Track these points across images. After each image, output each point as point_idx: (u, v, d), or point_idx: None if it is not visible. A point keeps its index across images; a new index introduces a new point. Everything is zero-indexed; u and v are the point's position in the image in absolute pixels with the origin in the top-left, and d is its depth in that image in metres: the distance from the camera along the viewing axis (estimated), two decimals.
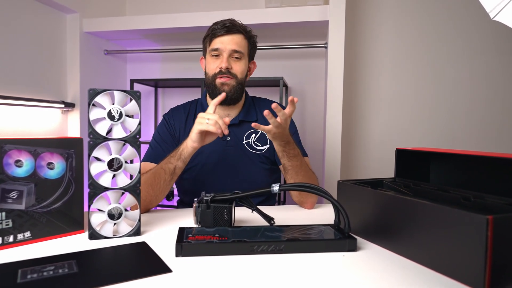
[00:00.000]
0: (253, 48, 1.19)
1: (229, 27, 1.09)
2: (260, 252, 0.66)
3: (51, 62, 1.84)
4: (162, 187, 0.99)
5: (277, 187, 0.77)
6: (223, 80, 1.10)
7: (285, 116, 0.88)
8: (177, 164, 0.98)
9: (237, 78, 1.12)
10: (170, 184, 1.01)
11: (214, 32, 1.10)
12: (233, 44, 1.10)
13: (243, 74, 1.14)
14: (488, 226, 0.49)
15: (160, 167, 0.99)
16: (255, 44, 1.19)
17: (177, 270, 0.59)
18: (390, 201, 0.68)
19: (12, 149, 0.68)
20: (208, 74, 1.14)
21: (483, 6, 0.86)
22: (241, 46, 1.11)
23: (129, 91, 0.75)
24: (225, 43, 1.09)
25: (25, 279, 0.54)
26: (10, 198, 0.68)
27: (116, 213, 0.74)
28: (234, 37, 1.10)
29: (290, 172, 1.03)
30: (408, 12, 2.03)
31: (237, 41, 1.10)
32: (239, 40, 1.11)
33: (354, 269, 0.60)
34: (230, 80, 1.10)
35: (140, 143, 0.77)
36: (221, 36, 1.10)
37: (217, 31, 1.10)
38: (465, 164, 0.78)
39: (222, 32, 1.09)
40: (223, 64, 1.09)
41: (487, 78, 1.96)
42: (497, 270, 0.50)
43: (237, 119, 1.18)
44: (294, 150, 1.00)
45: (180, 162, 0.98)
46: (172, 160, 0.98)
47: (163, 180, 0.98)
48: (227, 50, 1.09)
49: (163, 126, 1.20)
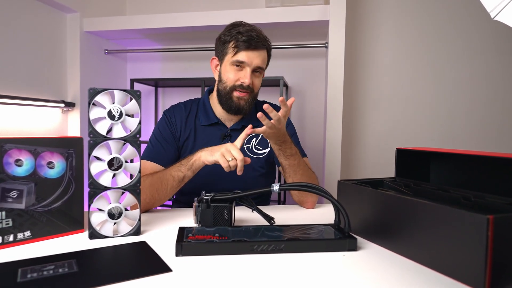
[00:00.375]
0: (269, 60, 1.17)
1: (257, 42, 1.06)
2: (260, 251, 0.66)
3: (51, 61, 1.84)
4: (169, 192, 1.00)
5: (277, 187, 0.77)
6: (241, 95, 1.09)
7: (277, 117, 0.88)
8: (187, 173, 0.98)
9: (252, 93, 1.11)
10: (176, 191, 1.01)
11: (240, 44, 1.05)
12: (259, 61, 1.07)
13: (258, 89, 1.14)
14: (489, 226, 0.49)
15: (170, 173, 0.99)
16: (270, 55, 1.17)
17: (177, 269, 0.59)
18: (391, 201, 0.68)
19: (12, 148, 0.68)
20: (226, 83, 1.10)
21: (484, 6, 0.86)
22: (264, 62, 1.10)
23: (129, 91, 0.75)
24: (251, 58, 1.06)
25: (25, 278, 0.54)
26: (10, 197, 0.68)
27: (116, 213, 0.74)
28: (260, 53, 1.08)
29: (288, 171, 1.03)
30: (408, 12, 2.02)
31: (262, 58, 1.08)
32: (264, 56, 1.09)
33: (354, 269, 0.60)
34: (247, 96, 1.10)
35: (140, 143, 0.77)
36: (248, 51, 1.06)
37: (244, 44, 1.05)
38: (466, 164, 0.78)
39: (251, 48, 1.05)
40: (247, 80, 1.07)
41: (487, 78, 1.96)
42: (497, 270, 0.50)
43: (240, 124, 1.17)
44: (291, 149, 1.00)
45: (190, 172, 0.98)
46: (183, 169, 0.98)
47: (170, 186, 0.99)
48: (252, 65, 1.07)
49: (164, 123, 1.18)
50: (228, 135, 1.16)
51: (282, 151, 0.99)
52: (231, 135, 1.16)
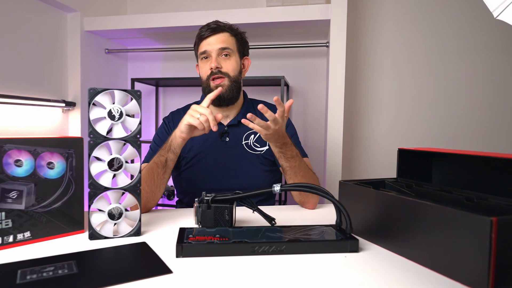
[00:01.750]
0: (242, 44, 1.17)
1: (213, 28, 1.10)
2: (261, 253, 0.65)
3: (51, 61, 1.83)
4: (157, 182, 0.99)
5: (279, 187, 0.77)
6: (217, 82, 1.10)
7: (273, 117, 0.86)
8: (168, 155, 0.98)
9: (229, 77, 1.11)
10: (165, 178, 1.00)
11: (201, 36, 1.11)
12: (219, 42, 1.10)
13: (236, 72, 1.13)
14: (492, 227, 0.48)
15: (153, 161, 1.00)
16: (244, 40, 1.18)
17: (178, 271, 0.58)
18: (392, 202, 0.67)
19: (12, 149, 0.68)
20: (202, 78, 1.14)
21: (487, 5, 0.85)
22: (227, 43, 1.11)
23: (129, 90, 0.75)
24: (211, 43, 1.10)
25: (25, 280, 0.54)
26: (10, 198, 0.67)
27: (117, 213, 0.74)
28: (219, 36, 1.11)
29: (289, 173, 1.02)
30: (410, 11, 2.02)
31: (223, 39, 1.11)
32: (225, 38, 1.11)
33: (356, 270, 0.59)
34: (223, 80, 1.10)
35: (140, 143, 0.76)
36: (207, 38, 1.10)
37: (203, 34, 1.11)
38: (468, 165, 0.78)
39: (208, 34, 1.10)
40: (213, 64, 1.08)
41: (489, 77, 1.95)
42: (501, 272, 0.49)
43: (236, 119, 1.17)
44: (292, 151, 0.99)
45: (171, 153, 0.98)
46: (163, 152, 0.99)
47: (156, 174, 0.99)
48: (214, 50, 1.10)
49: (163, 129, 1.21)
50: (225, 132, 1.17)
51: (282, 153, 0.99)
52: (228, 132, 1.17)
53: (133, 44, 2.34)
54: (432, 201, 0.60)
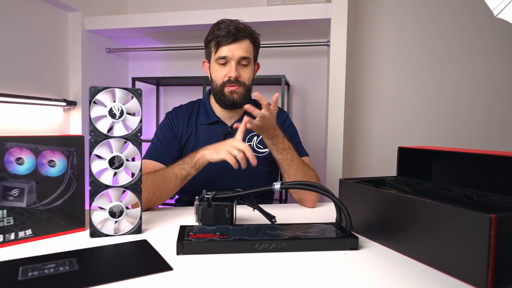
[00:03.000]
0: (257, 49, 1.18)
1: (235, 35, 1.06)
2: (261, 250, 0.66)
3: (53, 60, 1.84)
4: (171, 190, 1.00)
5: (279, 185, 0.77)
6: (232, 89, 1.10)
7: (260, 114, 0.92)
8: (190, 171, 0.98)
9: (245, 86, 1.12)
10: (178, 189, 1.02)
11: (220, 40, 1.07)
12: (241, 51, 1.08)
13: (250, 80, 1.14)
14: (491, 225, 0.48)
15: (172, 171, 0.98)
16: (259, 44, 1.18)
17: (178, 268, 0.59)
18: (392, 200, 0.68)
19: (13, 147, 0.68)
20: (216, 82, 1.12)
21: (487, 3, 0.86)
22: (248, 51, 1.10)
23: (130, 89, 0.75)
24: (232, 50, 1.07)
25: (26, 277, 0.54)
26: (11, 195, 0.68)
27: (117, 211, 0.74)
28: (241, 44, 1.08)
29: (282, 165, 1.04)
30: (410, 10, 2.02)
31: (244, 48, 1.08)
32: (246, 46, 1.09)
33: (355, 268, 0.60)
34: (239, 88, 1.10)
35: (141, 141, 0.77)
36: (228, 45, 1.07)
37: (223, 39, 1.06)
38: (468, 163, 0.78)
39: (229, 41, 1.06)
40: (232, 73, 1.07)
41: (490, 75, 1.95)
42: (500, 269, 0.49)
43: (240, 121, 1.17)
44: (283, 143, 1.02)
45: (194, 170, 0.99)
46: (186, 167, 0.98)
47: (173, 184, 0.99)
48: (235, 58, 1.07)
49: (166, 124, 1.19)
50: (229, 133, 1.16)
51: (274, 145, 1.02)
52: (232, 133, 1.16)
53: (134, 44, 2.35)
54: (432, 199, 0.60)
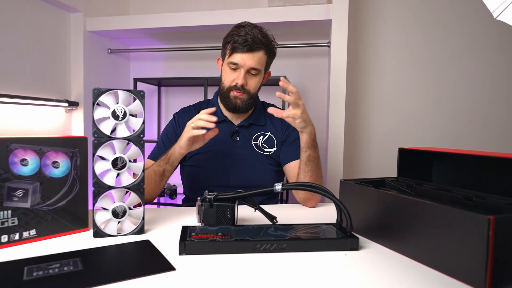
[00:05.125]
0: (271, 59, 1.18)
1: (250, 45, 1.07)
2: (263, 250, 0.66)
3: (55, 61, 1.85)
4: (153, 187, 1.05)
5: (280, 186, 0.78)
6: (237, 95, 1.12)
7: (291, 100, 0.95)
8: (166, 167, 1.04)
9: (249, 94, 1.14)
10: (162, 185, 1.07)
11: (235, 46, 1.08)
12: (252, 62, 1.09)
13: (256, 89, 1.16)
14: (490, 226, 0.49)
15: (152, 169, 1.05)
16: (274, 54, 1.18)
17: (181, 268, 0.59)
18: (392, 201, 0.68)
19: (17, 148, 0.69)
20: (224, 84, 1.15)
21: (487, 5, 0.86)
22: (259, 63, 1.11)
23: (133, 91, 0.76)
24: (244, 59, 1.09)
25: (31, 277, 0.55)
26: (16, 196, 0.69)
27: (120, 212, 0.75)
28: (254, 55, 1.09)
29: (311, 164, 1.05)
30: (411, 10, 2.02)
31: (256, 59, 1.10)
32: (259, 57, 1.10)
33: (356, 268, 0.60)
34: (243, 95, 1.13)
35: (144, 142, 0.78)
36: (242, 53, 1.08)
37: (238, 47, 1.08)
38: (468, 164, 0.78)
39: (244, 50, 1.08)
40: (239, 81, 1.10)
41: (491, 76, 1.95)
42: (498, 269, 0.50)
43: (247, 121, 1.21)
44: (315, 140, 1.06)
45: (169, 166, 1.04)
46: (161, 164, 1.04)
47: (154, 181, 1.05)
48: (245, 66, 1.09)
49: (171, 126, 1.23)
50: (236, 131, 1.20)
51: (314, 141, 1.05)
52: (239, 132, 1.20)
53: (136, 44, 2.35)
54: (432, 200, 0.61)
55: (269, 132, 1.21)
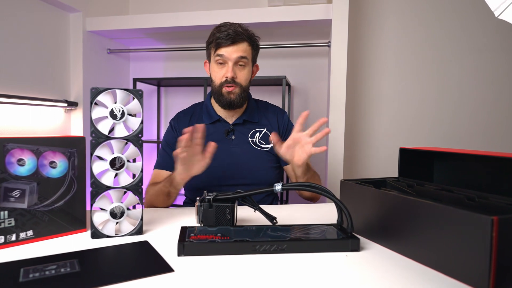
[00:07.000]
0: (256, 51, 1.21)
1: (233, 37, 1.10)
2: (262, 251, 0.65)
3: (54, 61, 1.84)
4: (163, 203, 1.07)
5: (280, 187, 0.77)
6: (229, 90, 1.14)
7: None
8: (171, 189, 1.04)
9: (241, 86, 1.15)
10: (170, 202, 1.08)
11: (219, 42, 1.11)
12: (238, 52, 1.12)
13: (247, 81, 1.18)
14: (493, 227, 0.48)
15: (159, 187, 1.06)
16: (258, 46, 1.21)
17: (179, 269, 0.59)
18: (394, 201, 0.67)
19: (14, 148, 0.68)
20: (215, 82, 1.16)
21: (488, 4, 0.85)
22: (245, 52, 1.14)
23: (131, 90, 0.75)
24: (230, 52, 1.11)
25: (27, 278, 0.54)
26: (12, 197, 0.68)
27: (118, 212, 0.74)
28: (239, 46, 1.12)
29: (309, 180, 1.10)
30: (412, 10, 2.01)
31: (242, 49, 1.13)
32: (244, 47, 1.13)
33: (357, 269, 0.60)
34: (235, 89, 1.14)
35: (142, 142, 0.77)
36: (227, 47, 1.11)
37: (221, 42, 1.11)
38: (470, 164, 0.78)
39: (228, 43, 1.10)
40: (229, 74, 1.12)
41: (493, 76, 1.95)
42: (501, 271, 0.49)
43: (241, 118, 1.22)
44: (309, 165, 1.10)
45: (173, 188, 1.03)
46: (166, 184, 1.04)
47: (163, 199, 1.06)
48: (232, 58, 1.11)
49: (169, 132, 1.24)
50: (231, 130, 1.21)
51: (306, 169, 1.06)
52: (234, 130, 1.21)
53: (135, 44, 2.35)
54: (433, 200, 0.60)
55: (264, 129, 1.22)
